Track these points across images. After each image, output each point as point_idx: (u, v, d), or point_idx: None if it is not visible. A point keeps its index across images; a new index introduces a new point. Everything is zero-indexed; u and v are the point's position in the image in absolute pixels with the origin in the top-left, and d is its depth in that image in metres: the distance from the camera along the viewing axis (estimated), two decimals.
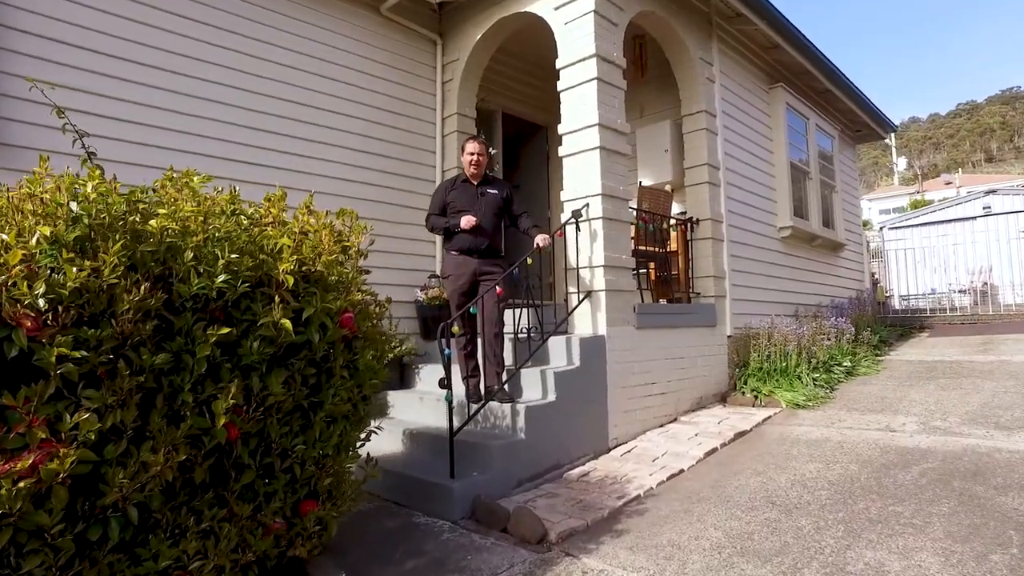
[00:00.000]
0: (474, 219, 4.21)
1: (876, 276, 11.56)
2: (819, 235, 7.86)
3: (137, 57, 4.17)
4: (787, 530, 2.88)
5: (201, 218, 1.96)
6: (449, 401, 3.61)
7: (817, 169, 8.05)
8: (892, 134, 11.29)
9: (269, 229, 2.20)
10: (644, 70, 6.49)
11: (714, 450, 4.32)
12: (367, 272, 2.55)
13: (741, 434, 4.65)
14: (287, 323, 2.00)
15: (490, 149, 6.87)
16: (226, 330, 1.90)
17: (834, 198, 8.78)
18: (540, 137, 7.71)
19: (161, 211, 1.95)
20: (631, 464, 4.13)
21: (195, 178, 2.23)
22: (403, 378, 5.22)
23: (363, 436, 2.55)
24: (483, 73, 6.23)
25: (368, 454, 2.68)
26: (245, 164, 4.62)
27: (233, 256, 1.95)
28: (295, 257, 2.09)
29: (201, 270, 1.89)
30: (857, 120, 9.36)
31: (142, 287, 1.75)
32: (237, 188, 2.50)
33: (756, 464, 3.91)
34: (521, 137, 7.79)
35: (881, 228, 17.94)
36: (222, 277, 1.90)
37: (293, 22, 5.02)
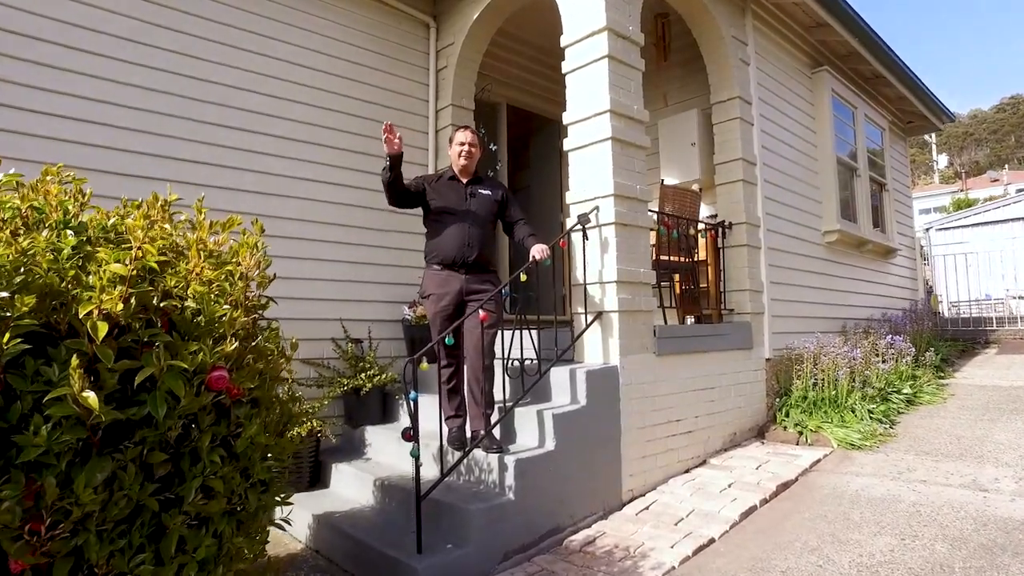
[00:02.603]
0: (391, 133, 3.25)
1: (930, 284, 10.49)
2: (869, 240, 6.94)
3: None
4: None
5: None
6: (415, 457, 2.88)
7: (866, 165, 7.12)
8: (934, 131, 10.26)
9: (101, 251, 1.50)
10: (667, 53, 5.69)
11: (752, 509, 3.51)
12: (263, 306, 1.83)
13: (785, 486, 3.82)
14: (90, 398, 1.28)
15: (491, 146, 6.17)
16: None
17: (885, 197, 7.83)
18: (551, 133, 6.94)
19: None
20: (648, 527, 3.34)
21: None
22: (385, 410, 4.51)
23: (256, 541, 1.82)
24: (484, 60, 5.51)
25: (269, 558, 1.96)
26: (197, 164, 3.97)
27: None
28: (115, 293, 1.37)
29: None
30: (908, 110, 8.37)
31: None
32: (89, 189, 1.81)
33: (807, 534, 3.09)
34: (530, 133, 7.04)
35: (927, 229, 16.72)
36: None
37: (260, 2, 4.36)
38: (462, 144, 3.64)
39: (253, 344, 1.76)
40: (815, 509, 3.40)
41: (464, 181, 3.69)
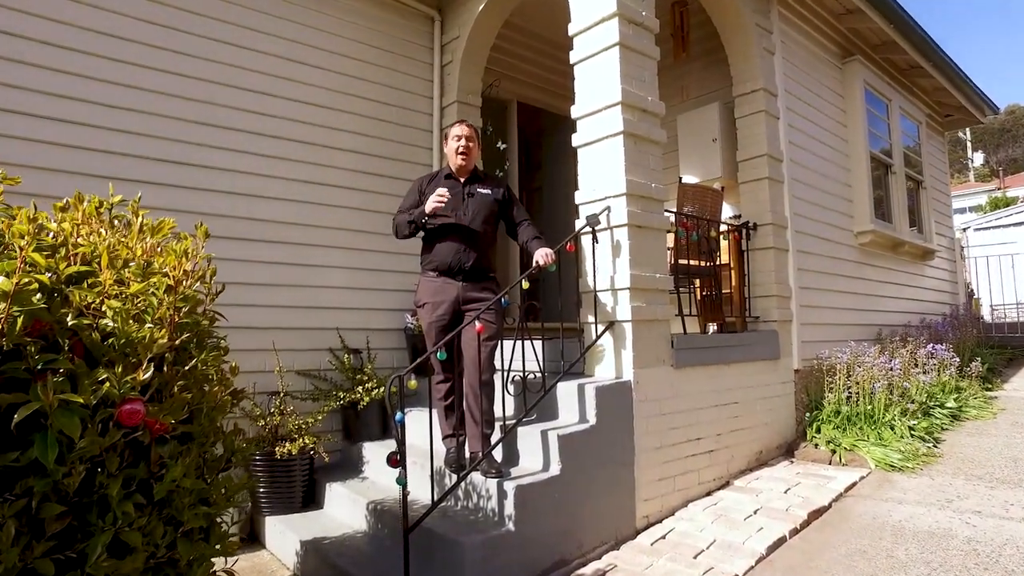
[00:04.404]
0: (444, 196, 3.10)
1: (971, 287, 9.92)
2: (905, 241, 6.49)
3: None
4: None
5: None
6: (402, 485, 2.60)
7: (901, 161, 6.68)
8: (975, 124, 9.69)
9: None
10: (686, 44, 5.36)
11: (781, 541, 3.15)
12: (199, 322, 1.57)
13: (817, 513, 3.45)
14: None
15: (500, 145, 5.89)
16: None
17: (921, 196, 7.36)
18: (565, 131, 6.59)
19: None
20: (664, 560, 3.01)
21: None
22: (385, 425, 4.25)
23: None
24: (492, 55, 5.26)
25: None
26: (172, 164, 3.75)
27: None
28: None
29: None
30: (947, 102, 7.88)
31: None
32: None
33: (844, 574, 2.73)
34: (542, 131, 6.76)
35: (965, 229, 16.01)
36: None
37: None
38: (458, 139, 3.37)
39: (186, 368, 1.50)
40: (853, 543, 3.03)
41: (461, 180, 3.42)
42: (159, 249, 1.68)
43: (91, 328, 1.36)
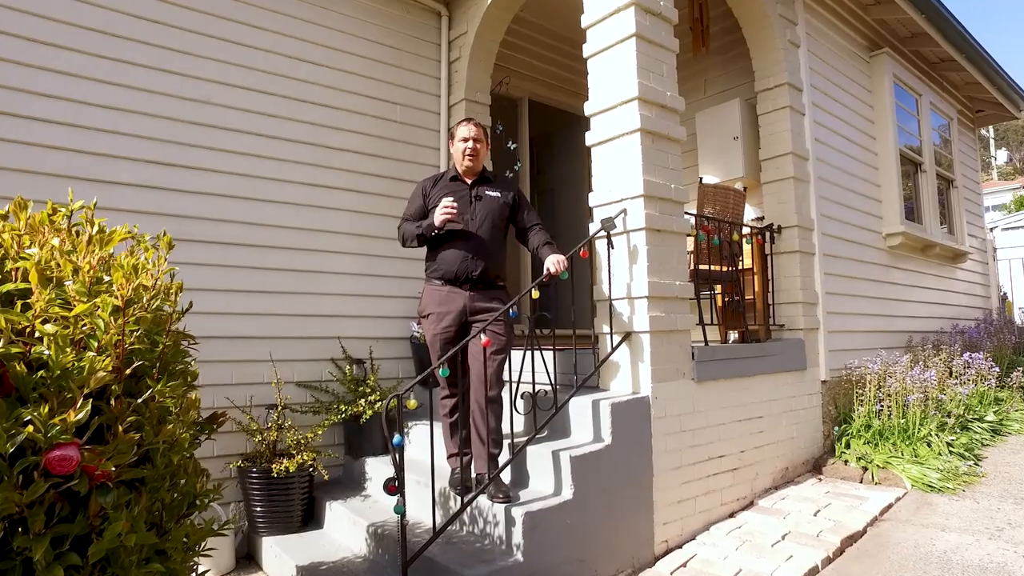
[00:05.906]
0: (452, 208, 2.93)
1: (1004, 290, 9.53)
2: (936, 242, 6.18)
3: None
4: None
5: None
6: (400, 514, 2.39)
7: (932, 159, 6.37)
8: (1009, 120, 9.32)
9: None
10: (706, 37, 5.10)
11: (814, 572, 2.90)
12: (158, 348, 1.36)
13: (851, 539, 3.19)
14: None
15: (511, 144, 5.67)
16: None
17: (952, 195, 7.03)
18: (578, 130, 6.37)
19: None
20: None
21: None
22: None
23: None
24: (502, 51, 5.04)
25: None
26: (160, 166, 3.58)
27: None
28: None
29: None
30: (979, 97, 7.52)
31: None
32: None
33: None
34: (555, 131, 6.53)
35: (992, 228, 15.52)
36: None
37: None
38: (465, 140, 3.16)
39: (140, 401, 1.29)
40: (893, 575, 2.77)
41: (468, 182, 3.21)
42: (132, 263, 1.49)
43: (20, 357, 1.16)
